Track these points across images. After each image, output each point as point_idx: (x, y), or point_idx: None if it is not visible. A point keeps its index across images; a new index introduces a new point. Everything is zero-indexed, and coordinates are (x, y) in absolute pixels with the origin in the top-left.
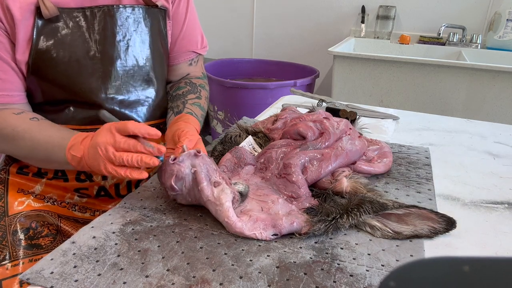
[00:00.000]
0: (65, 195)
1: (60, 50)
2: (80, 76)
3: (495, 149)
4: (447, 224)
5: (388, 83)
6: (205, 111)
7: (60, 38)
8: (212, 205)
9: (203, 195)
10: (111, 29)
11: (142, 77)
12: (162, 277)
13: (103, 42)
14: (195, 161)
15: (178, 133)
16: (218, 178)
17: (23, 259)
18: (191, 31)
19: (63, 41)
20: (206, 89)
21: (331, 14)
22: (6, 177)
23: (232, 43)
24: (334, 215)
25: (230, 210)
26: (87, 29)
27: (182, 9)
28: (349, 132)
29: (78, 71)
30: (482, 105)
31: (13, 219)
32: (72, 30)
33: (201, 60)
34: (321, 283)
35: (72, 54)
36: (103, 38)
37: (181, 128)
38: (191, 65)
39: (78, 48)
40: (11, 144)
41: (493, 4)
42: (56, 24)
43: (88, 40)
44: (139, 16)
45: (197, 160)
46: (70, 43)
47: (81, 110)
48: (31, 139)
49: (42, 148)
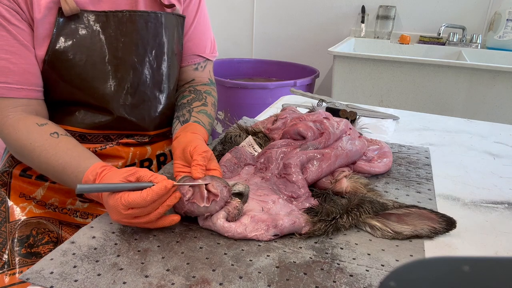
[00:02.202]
0: (66, 200)
1: (77, 52)
2: (94, 80)
3: (495, 149)
4: (447, 224)
5: (388, 83)
6: (213, 118)
7: (78, 40)
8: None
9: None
10: (129, 35)
11: (156, 86)
12: (162, 277)
13: (121, 48)
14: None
15: (190, 150)
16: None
17: (21, 268)
18: (200, 34)
19: (80, 43)
20: (213, 95)
21: (331, 14)
22: (9, 181)
23: (232, 43)
24: (334, 215)
25: (225, 224)
26: (105, 34)
27: (191, 11)
28: (349, 132)
29: (92, 75)
30: (482, 105)
31: (14, 226)
32: (91, 33)
33: (209, 66)
34: (321, 283)
35: (89, 57)
36: (121, 44)
37: (192, 143)
38: (196, 69)
39: (95, 52)
40: (28, 157)
41: (493, 4)
42: (75, 25)
43: (105, 44)
44: (160, 24)
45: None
46: (87, 46)
47: (91, 114)
48: (46, 162)
49: (55, 173)
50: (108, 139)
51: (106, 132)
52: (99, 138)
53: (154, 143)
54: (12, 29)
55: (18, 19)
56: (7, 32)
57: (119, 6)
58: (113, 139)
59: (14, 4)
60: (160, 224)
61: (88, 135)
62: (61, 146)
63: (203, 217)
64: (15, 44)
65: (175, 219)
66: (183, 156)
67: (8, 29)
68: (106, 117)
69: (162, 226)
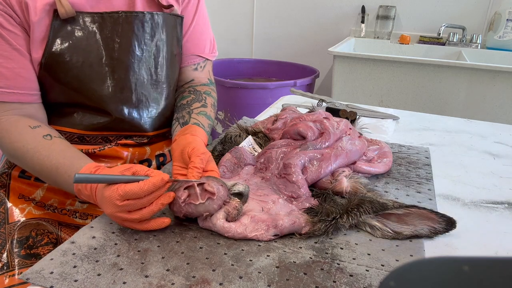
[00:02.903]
0: (66, 201)
1: (73, 54)
2: (91, 82)
3: (495, 149)
4: (447, 224)
5: (388, 83)
6: (212, 119)
7: (74, 42)
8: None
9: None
10: (126, 36)
11: (155, 87)
12: (162, 277)
13: (118, 49)
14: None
15: (188, 151)
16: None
17: (21, 269)
18: (199, 34)
19: (77, 45)
20: (212, 96)
21: (331, 14)
22: (8, 182)
23: (232, 43)
24: (334, 215)
25: (224, 224)
26: (101, 35)
27: (190, 11)
28: (349, 132)
29: (90, 76)
30: (482, 105)
31: (13, 227)
32: (87, 35)
33: (208, 66)
34: (321, 283)
35: (85, 59)
36: (118, 45)
37: (190, 145)
38: (196, 70)
39: (91, 53)
40: (21, 160)
41: (493, 4)
42: (71, 27)
43: (102, 46)
44: (157, 24)
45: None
46: (84, 48)
47: (89, 115)
48: (39, 163)
49: (49, 174)
50: (107, 140)
51: (105, 133)
52: (97, 139)
53: (153, 144)
54: (5, 33)
55: (12, 23)
56: (0, 37)
57: (116, 7)
58: (112, 140)
59: (7, 8)
60: (150, 225)
61: (86, 136)
62: (54, 147)
63: (202, 217)
64: (8, 49)
65: (166, 222)
66: (182, 158)
67: (0, 33)
68: (104, 118)
69: (152, 228)
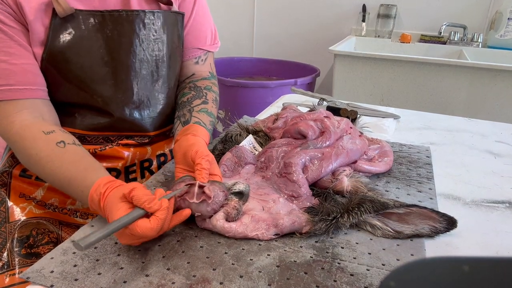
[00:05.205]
0: (66, 200)
1: (74, 54)
2: (93, 82)
3: (496, 148)
4: (448, 224)
5: (389, 82)
6: (213, 115)
7: (74, 42)
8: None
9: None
10: (127, 35)
11: (156, 87)
12: (163, 276)
13: (118, 49)
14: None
15: (191, 155)
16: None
17: (21, 268)
18: (199, 26)
19: (77, 45)
20: (213, 91)
21: (332, 12)
22: (9, 181)
23: (232, 42)
24: (335, 215)
25: (225, 225)
26: (102, 34)
27: (189, 3)
28: (350, 131)
29: (91, 77)
30: (483, 104)
31: (13, 226)
32: (87, 35)
33: (210, 58)
34: (321, 283)
35: (86, 59)
36: (118, 45)
37: (193, 147)
38: (197, 63)
39: (92, 53)
40: (34, 167)
41: (494, 2)
42: (71, 26)
43: (102, 45)
44: (158, 23)
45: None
46: (84, 48)
47: (90, 116)
48: (51, 173)
49: (62, 185)
50: (108, 140)
51: (106, 134)
52: (98, 139)
53: (154, 143)
54: (8, 30)
55: (12, 20)
56: (3, 34)
57: (110, 4)
58: (113, 140)
59: (6, 6)
60: (172, 224)
61: (87, 136)
62: (66, 157)
63: (199, 218)
64: (13, 45)
65: (186, 213)
66: (185, 161)
67: (3, 30)
68: (105, 118)
69: (175, 225)
